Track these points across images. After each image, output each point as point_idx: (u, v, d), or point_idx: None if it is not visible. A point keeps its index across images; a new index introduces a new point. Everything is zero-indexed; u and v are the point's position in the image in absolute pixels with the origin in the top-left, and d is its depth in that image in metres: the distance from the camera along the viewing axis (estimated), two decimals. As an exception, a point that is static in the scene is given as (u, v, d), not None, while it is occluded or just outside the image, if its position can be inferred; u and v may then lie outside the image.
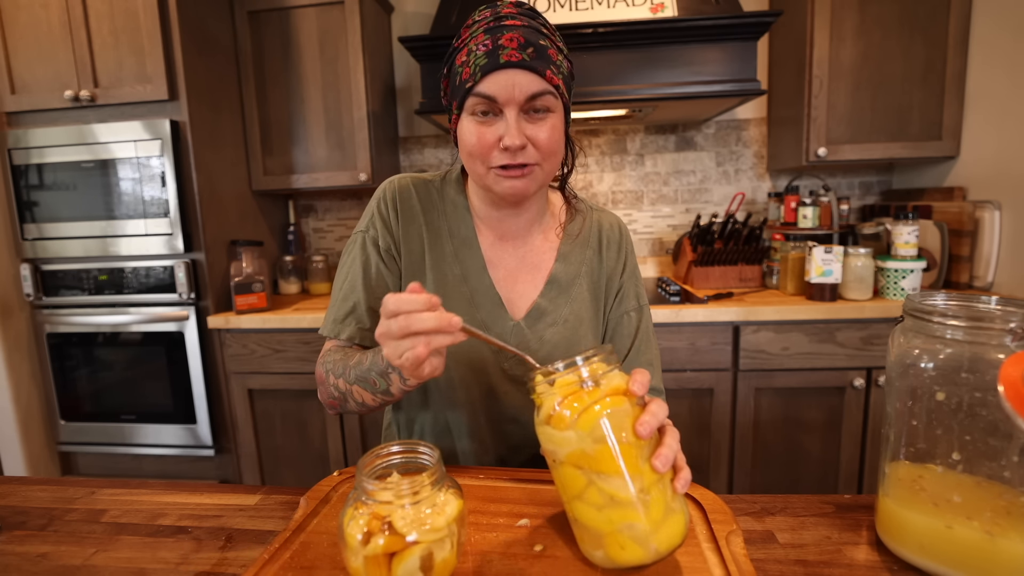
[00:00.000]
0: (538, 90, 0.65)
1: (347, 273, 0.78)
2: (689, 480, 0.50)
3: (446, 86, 0.72)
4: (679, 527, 0.48)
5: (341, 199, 2.35)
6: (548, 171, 0.71)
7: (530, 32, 0.65)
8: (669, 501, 0.48)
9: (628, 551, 0.46)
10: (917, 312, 0.51)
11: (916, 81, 1.76)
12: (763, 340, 1.59)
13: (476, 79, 0.65)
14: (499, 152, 0.67)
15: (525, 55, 0.64)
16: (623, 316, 0.82)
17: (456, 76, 0.68)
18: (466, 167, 0.73)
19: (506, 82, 0.64)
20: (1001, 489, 0.46)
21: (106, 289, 1.80)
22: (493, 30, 0.65)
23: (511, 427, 0.80)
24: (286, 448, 1.85)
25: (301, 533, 0.56)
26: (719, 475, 1.68)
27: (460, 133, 0.70)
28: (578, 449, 0.47)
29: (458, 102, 0.68)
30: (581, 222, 0.83)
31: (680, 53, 1.69)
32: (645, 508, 0.46)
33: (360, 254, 0.78)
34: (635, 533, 0.46)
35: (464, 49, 0.67)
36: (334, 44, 1.91)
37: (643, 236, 2.26)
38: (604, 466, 0.46)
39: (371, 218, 0.79)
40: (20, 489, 0.72)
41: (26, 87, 1.75)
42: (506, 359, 0.77)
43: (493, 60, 0.64)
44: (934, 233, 1.75)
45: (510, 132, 0.65)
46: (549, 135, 0.67)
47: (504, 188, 0.69)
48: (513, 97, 0.65)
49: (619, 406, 0.47)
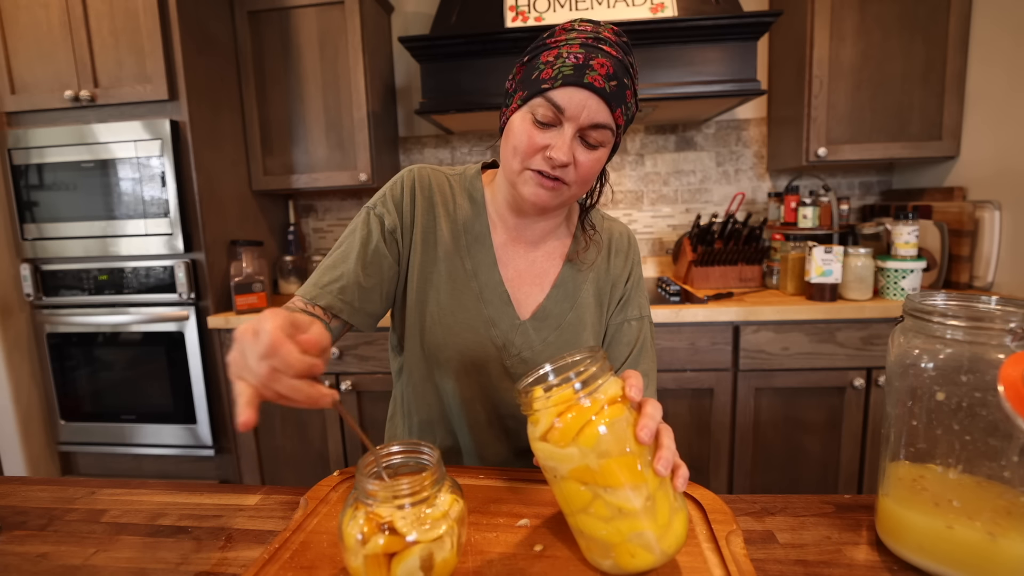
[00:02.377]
0: (602, 122, 0.66)
1: (344, 243, 0.76)
2: (687, 477, 0.50)
3: (519, 72, 0.72)
4: (683, 525, 0.49)
5: (341, 199, 2.35)
6: (575, 194, 0.72)
7: (620, 67, 0.66)
8: (672, 501, 0.48)
9: (639, 558, 0.47)
10: (917, 312, 0.51)
11: (916, 81, 1.76)
12: (763, 340, 1.59)
13: (555, 85, 0.65)
14: (542, 159, 0.68)
15: (608, 85, 0.65)
16: (623, 324, 0.82)
17: (536, 71, 0.67)
18: (502, 159, 0.73)
19: (580, 101, 0.65)
20: (1001, 489, 0.46)
21: (106, 289, 1.80)
22: (590, 47, 0.65)
23: (511, 423, 0.81)
24: (286, 448, 1.85)
25: (301, 533, 0.56)
26: (719, 475, 1.68)
27: (511, 125, 0.70)
28: (582, 465, 0.46)
29: (526, 94, 0.68)
30: (595, 254, 0.83)
31: (680, 53, 1.69)
32: (652, 515, 0.46)
33: (362, 228, 0.76)
34: (644, 541, 0.46)
35: (555, 50, 0.67)
36: (334, 44, 1.91)
37: (643, 236, 2.26)
38: (610, 480, 0.46)
39: (383, 198, 0.78)
40: (20, 489, 0.72)
41: (26, 87, 1.75)
42: (508, 356, 0.78)
43: (578, 75, 0.64)
44: (934, 233, 1.75)
45: (561, 147, 0.66)
46: (592, 165, 0.69)
47: (529, 192, 0.70)
48: (578, 117, 0.66)
49: (618, 416, 0.47)
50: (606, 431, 0.45)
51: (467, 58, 1.74)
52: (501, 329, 0.77)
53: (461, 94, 1.77)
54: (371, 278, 0.75)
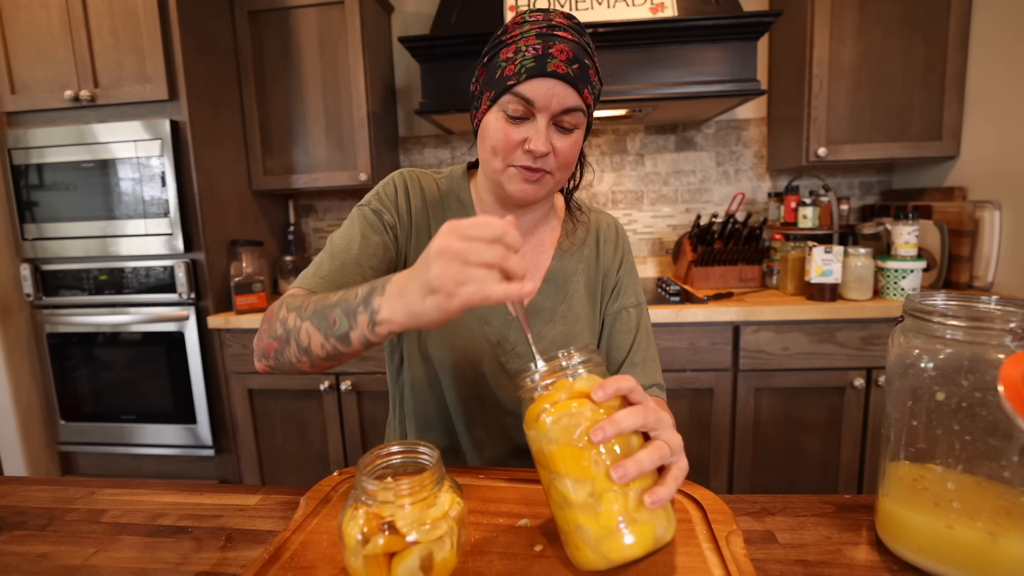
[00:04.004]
0: (573, 105, 0.67)
1: (342, 237, 0.75)
2: (663, 499, 0.45)
3: (482, 74, 0.72)
4: (642, 538, 0.46)
5: (341, 199, 2.35)
6: (559, 181, 0.73)
7: (578, 49, 0.66)
8: (631, 511, 0.45)
9: (582, 553, 0.47)
10: (917, 312, 0.51)
11: (916, 81, 1.76)
12: (763, 340, 1.59)
13: (520, 79, 0.66)
14: (522, 153, 0.69)
15: (570, 70, 0.65)
16: (621, 312, 0.83)
17: (498, 69, 0.68)
18: (482, 161, 0.74)
19: (547, 90, 0.66)
20: (1001, 489, 0.46)
21: (106, 289, 1.80)
22: (545, 36, 0.66)
23: (509, 420, 0.81)
24: (286, 448, 1.85)
25: (301, 533, 0.56)
26: (719, 475, 1.68)
27: (485, 126, 0.71)
28: (539, 448, 0.49)
29: (493, 94, 0.69)
30: (584, 233, 0.84)
31: (680, 53, 1.69)
32: (593, 514, 0.46)
33: (360, 221, 0.76)
34: (585, 536, 0.46)
35: (512, 46, 0.67)
36: (334, 44, 1.91)
37: (643, 236, 2.26)
38: (557, 466, 0.47)
39: (377, 196, 0.78)
40: (20, 489, 0.72)
41: (26, 87, 1.75)
42: (503, 353, 0.78)
43: (540, 66, 0.65)
44: (934, 233, 1.75)
45: (539, 138, 0.67)
46: (570, 149, 0.70)
47: (516, 189, 0.71)
48: (549, 106, 0.67)
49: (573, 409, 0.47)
50: (552, 421, 0.47)
51: (467, 58, 1.74)
52: (495, 326, 0.78)
53: (461, 94, 1.77)
54: (373, 269, 0.75)
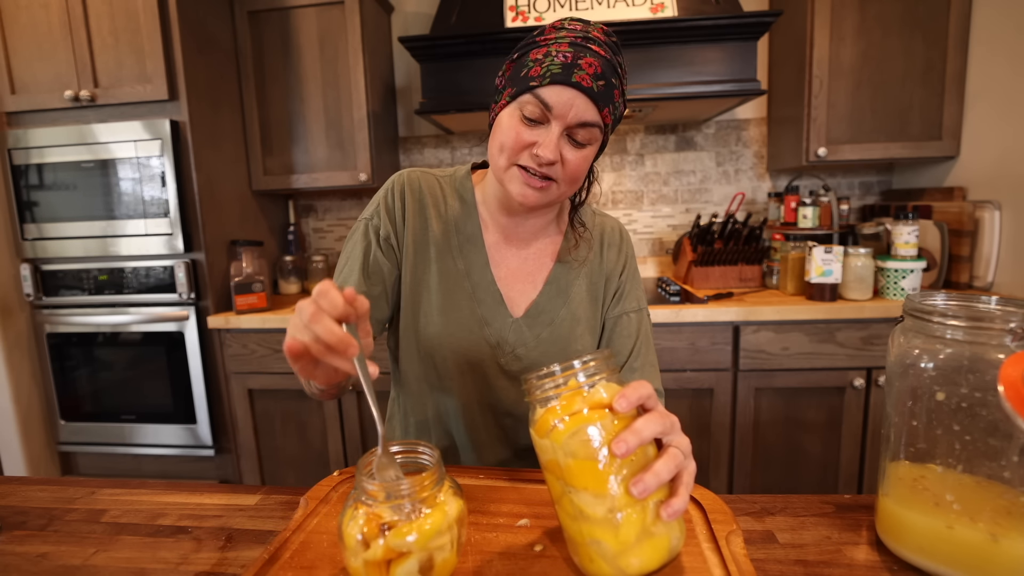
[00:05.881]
0: (590, 120, 0.67)
1: (348, 258, 0.79)
2: (679, 510, 0.45)
3: (508, 69, 0.72)
4: (658, 552, 0.45)
5: (341, 199, 2.35)
6: (564, 193, 0.72)
7: (608, 67, 0.66)
8: (648, 525, 0.45)
9: (596, 565, 0.46)
10: (917, 312, 0.51)
11: (916, 81, 1.76)
12: (763, 340, 1.59)
13: (543, 82, 0.65)
14: (528, 155, 0.68)
15: (595, 85, 0.65)
16: (622, 316, 0.82)
17: (525, 68, 0.68)
18: (490, 156, 0.74)
19: (567, 100, 0.65)
20: (1001, 489, 0.46)
21: (106, 289, 1.80)
22: (578, 47, 0.66)
23: (508, 421, 0.81)
24: (286, 448, 1.85)
25: (301, 533, 0.56)
26: (719, 475, 1.68)
27: (499, 122, 0.70)
28: (553, 459, 0.47)
29: (514, 91, 0.68)
30: (587, 250, 0.83)
31: (680, 53, 1.69)
32: (613, 528, 0.44)
33: (361, 240, 0.79)
34: (602, 550, 0.45)
35: (544, 48, 0.67)
36: (334, 44, 1.91)
37: (643, 236, 2.26)
38: (574, 481, 0.46)
39: (376, 207, 0.80)
40: (20, 489, 0.72)
41: (26, 87, 1.75)
42: (503, 354, 0.78)
43: (566, 74, 0.64)
44: (934, 233, 1.75)
45: (548, 145, 0.66)
46: (579, 163, 0.69)
47: (517, 190, 0.70)
48: (565, 116, 0.66)
49: (596, 422, 0.45)
50: (570, 435, 0.45)
51: (467, 58, 1.74)
52: (494, 328, 0.78)
53: (461, 94, 1.77)
54: (375, 286, 0.77)
